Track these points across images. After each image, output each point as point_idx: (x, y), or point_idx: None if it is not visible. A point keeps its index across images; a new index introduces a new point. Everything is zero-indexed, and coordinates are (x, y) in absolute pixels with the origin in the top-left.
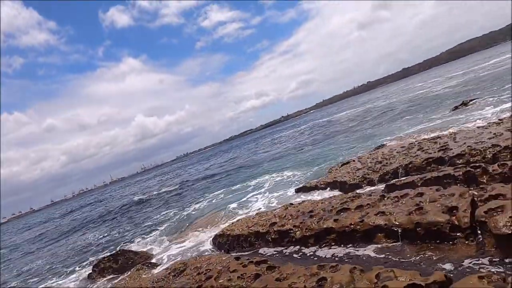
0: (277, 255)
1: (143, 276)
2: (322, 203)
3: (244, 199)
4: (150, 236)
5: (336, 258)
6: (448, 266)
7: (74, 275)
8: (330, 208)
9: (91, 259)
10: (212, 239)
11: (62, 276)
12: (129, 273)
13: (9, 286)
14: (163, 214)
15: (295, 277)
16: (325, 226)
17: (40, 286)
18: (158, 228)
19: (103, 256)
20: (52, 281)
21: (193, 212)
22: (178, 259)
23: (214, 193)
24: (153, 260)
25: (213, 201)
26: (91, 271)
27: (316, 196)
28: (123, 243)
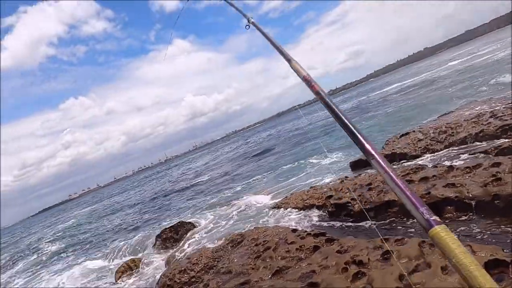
0: (334, 228)
1: (202, 246)
2: (381, 175)
3: (295, 177)
4: (208, 210)
5: (400, 232)
6: None
7: (139, 245)
8: None
9: (155, 230)
10: (268, 211)
11: (128, 248)
12: (188, 243)
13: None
14: (218, 190)
15: (357, 249)
16: (386, 199)
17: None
18: (214, 202)
19: (165, 227)
20: (120, 251)
21: (246, 188)
22: (237, 228)
23: (266, 171)
24: (211, 232)
25: (265, 178)
26: (154, 240)
27: (373, 170)
28: (183, 216)
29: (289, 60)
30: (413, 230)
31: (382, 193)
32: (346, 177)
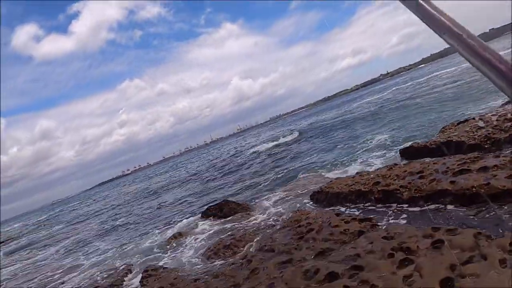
0: (380, 214)
1: (246, 223)
2: (434, 163)
3: (341, 160)
4: (252, 190)
5: (453, 223)
6: None
7: (186, 220)
8: (444, 169)
9: (200, 208)
10: (310, 195)
11: (177, 220)
12: (232, 220)
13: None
14: (263, 171)
15: (405, 236)
16: (439, 188)
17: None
18: (259, 183)
19: (210, 205)
20: (170, 224)
21: (290, 171)
22: (278, 211)
23: (310, 156)
24: (254, 212)
25: (310, 162)
26: (200, 216)
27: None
28: (227, 195)
29: None
30: (468, 221)
31: (435, 181)
32: (395, 164)
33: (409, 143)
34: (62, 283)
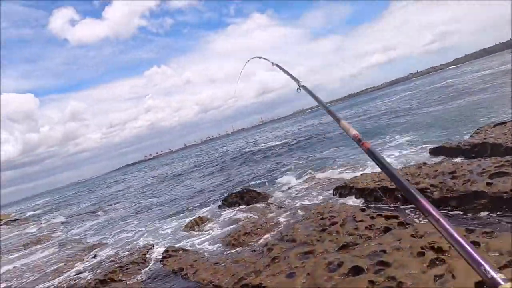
0: (408, 213)
1: (267, 212)
2: (468, 164)
3: (363, 157)
4: (272, 181)
5: (488, 226)
6: None
7: (206, 206)
8: (479, 170)
9: (220, 195)
10: (333, 189)
11: (198, 206)
12: (254, 208)
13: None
14: (283, 163)
15: (435, 236)
16: (473, 189)
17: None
18: (279, 174)
19: (231, 192)
20: (191, 209)
21: (312, 165)
22: (300, 203)
23: (330, 150)
24: (275, 202)
25: (331, 157)
26: (220, 203)
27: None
28: (248, 184)
29: (338, 119)
30: (505, 226)
31: (469, 182)
32: (424, 163)
33: (440, 144)
34: (94, 256)
